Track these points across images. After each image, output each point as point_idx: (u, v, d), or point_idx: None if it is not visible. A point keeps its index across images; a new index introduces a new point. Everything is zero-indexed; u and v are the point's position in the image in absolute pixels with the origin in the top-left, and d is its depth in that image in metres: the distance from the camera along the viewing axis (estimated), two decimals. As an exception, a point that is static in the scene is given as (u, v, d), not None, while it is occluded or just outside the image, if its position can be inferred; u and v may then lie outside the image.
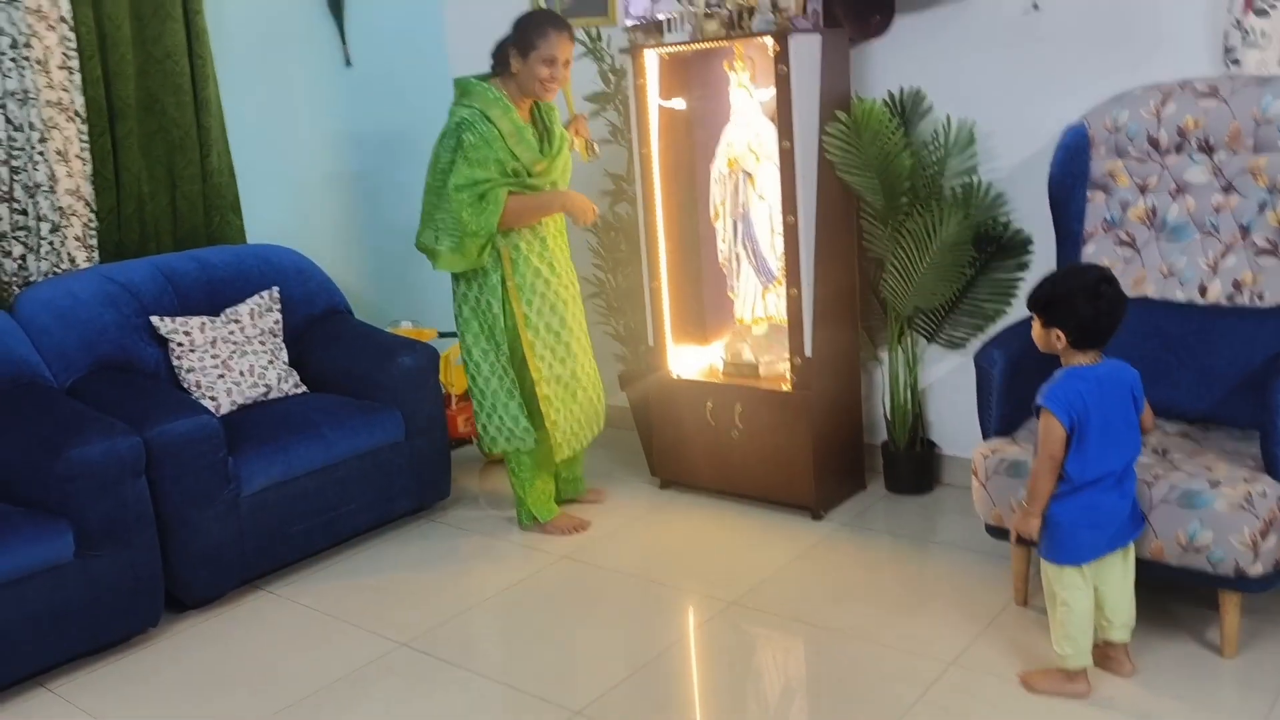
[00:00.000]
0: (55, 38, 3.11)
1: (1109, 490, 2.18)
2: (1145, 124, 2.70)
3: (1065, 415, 2.13)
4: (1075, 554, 2.18)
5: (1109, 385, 2.17)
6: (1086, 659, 2.22)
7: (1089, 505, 2.17)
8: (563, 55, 2.97)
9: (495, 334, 3.11)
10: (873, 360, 3.53)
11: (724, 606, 2.76)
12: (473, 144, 2.92)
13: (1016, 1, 3.04)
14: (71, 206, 3.20)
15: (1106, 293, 2.14)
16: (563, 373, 3.17)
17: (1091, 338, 2.18)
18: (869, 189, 3.13)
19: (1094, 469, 2.14)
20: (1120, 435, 2.17)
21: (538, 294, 3.11)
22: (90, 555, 2.58)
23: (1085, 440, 2.13)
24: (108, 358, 3.06)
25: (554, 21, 2.99)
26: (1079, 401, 2.13)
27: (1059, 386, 2.16)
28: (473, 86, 3.01)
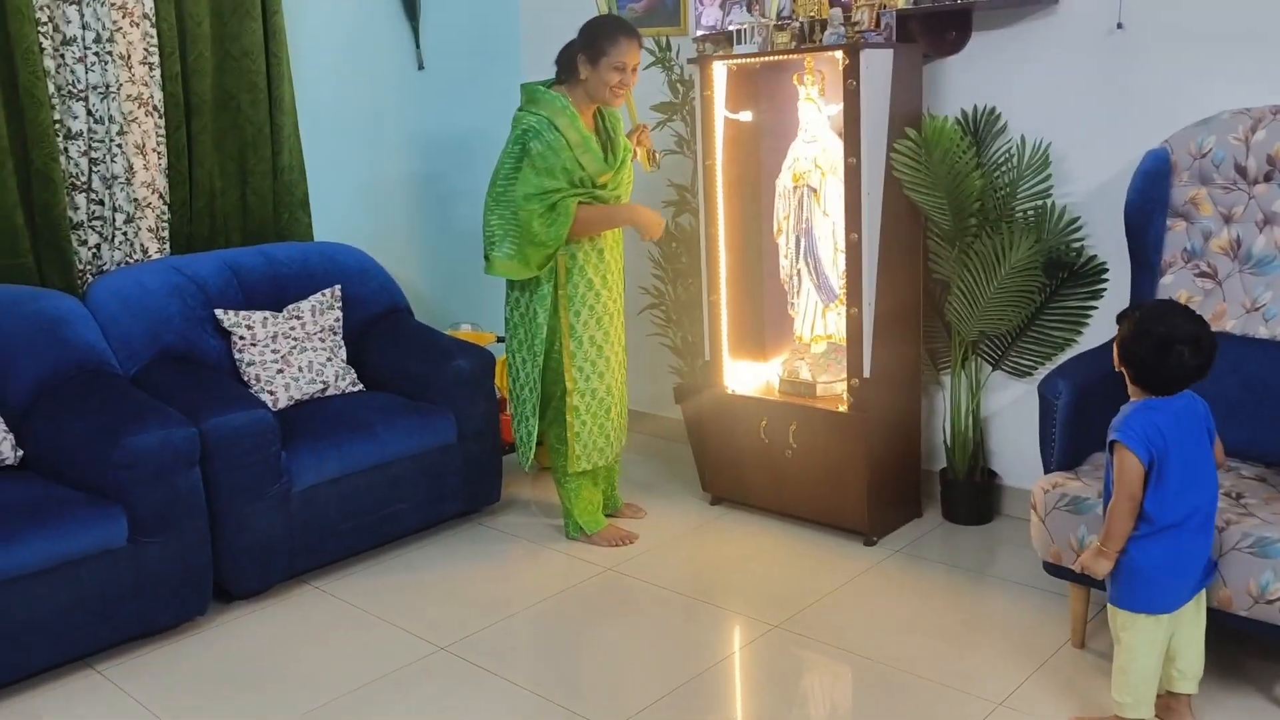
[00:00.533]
0: (138, 34, 3.19)
1: (1196, 532, 2.05)
2: (1233, 150, 2.59)
3: (1144, 450, 2.00)
4: (1155, 602, 2.06)
5: (1186, 418, 2.05)
6: (1147, 711, 2.11)
7: (1174, 549, 2.04)
8: (632, 62, 2.96)
9: (534, 344, 3.10)
10: (934, 384, 3.44)
11: (769, 629, 2.71)
12: (540, 152, 2.92)
13: (1100, 20, 2.94)
14: (146, 199, 3.28)
15: (1179, 356, 1.99)
16: (598, 387, 3.15)
17: (1151, 385, 2.06)
18: (937, 209, 3.06)
19: (1177, 508, 2.01)
20: (1202, 471, 2.05)
21: (586, 306, 3.09)
22: (142, 542, 2.62)
23: (1165, 477, 2.00)
24: (172, 348, 3.12)
25: (624, 29, 2.98)
26: (1157, 436, 2.00)
27: (1134, 419, 2.03)
28: (540, 94, 3.01)
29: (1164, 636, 2.08)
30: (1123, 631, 2.10)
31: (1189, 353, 1.99)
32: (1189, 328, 2.02)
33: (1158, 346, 2.01)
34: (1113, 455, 2.06)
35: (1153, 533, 2.03)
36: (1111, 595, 2.12)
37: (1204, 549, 2.08)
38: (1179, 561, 2.05)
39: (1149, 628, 2.06)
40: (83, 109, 3.15)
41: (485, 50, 4.35)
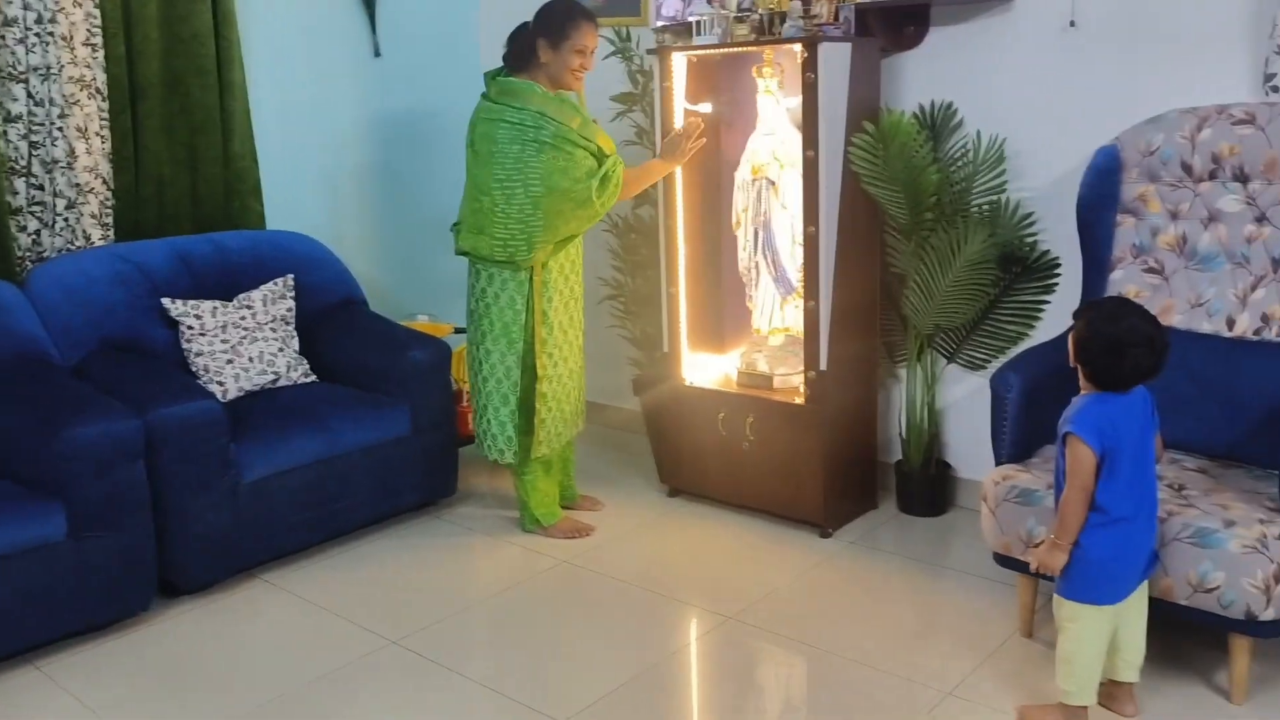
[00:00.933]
0: (81, 14, 3.11)
1: (1145, 524, 2.08)
2: (1179, 149, 2.63)
3: (1096, 441, 2.02)
4: (1103, 594, 2.08)
5: (1136, 411, 2.08)
6: (1091, 698, 2.15)
7: (1124, 541, 2.06)
8: (592, 45, 2.98)
9: (512, 331, 3.07)
10: (890, 377, 3.46)
11: (724, 621, 2.71)
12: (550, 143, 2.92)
13: (1053, 18, 2.96)
14: (89, 184, 3.19)
15: (1132, 358, 2.02)
16: (562, 371, 3.15)
17: (1105, 382, 2.08)
18: (893, 202, 3.07)
19: (1129, 500, 2.04)
20: (1150, 464, 2.08)
21: (558, 291, 3.10)
22: (83, 536, 2.56)
23: (1117, 469, 2.02)
24: (116, 337, 3.05)
25: (584, 11, 3.00)
26: (1109, 428, 2.03)
27: (1086, 411, 2.06)
28: (520, 86, 2.97)
29: (1109, 627, 2.11)
30: (1069, 622, 2.12)
31: (1143, 354, 2.02)
32: (1143, 329, 2.04)
33: (1112, 347, 2.03)
34: (1065, 447, 2.08)
35: (1105, 524, 2.05)
36: (1059, 587, 2.14)
37: (1150, 540, 2.12)
38: (1127, 553, 2.08)
39: (1096, 618, 2.09)
40: (23, 91, 3.06)
41: (443, 37, 4.30)
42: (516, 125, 2.94)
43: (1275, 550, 2.10)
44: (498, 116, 2.97)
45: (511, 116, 2.95)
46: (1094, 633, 2.10)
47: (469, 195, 3.07)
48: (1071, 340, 2.14)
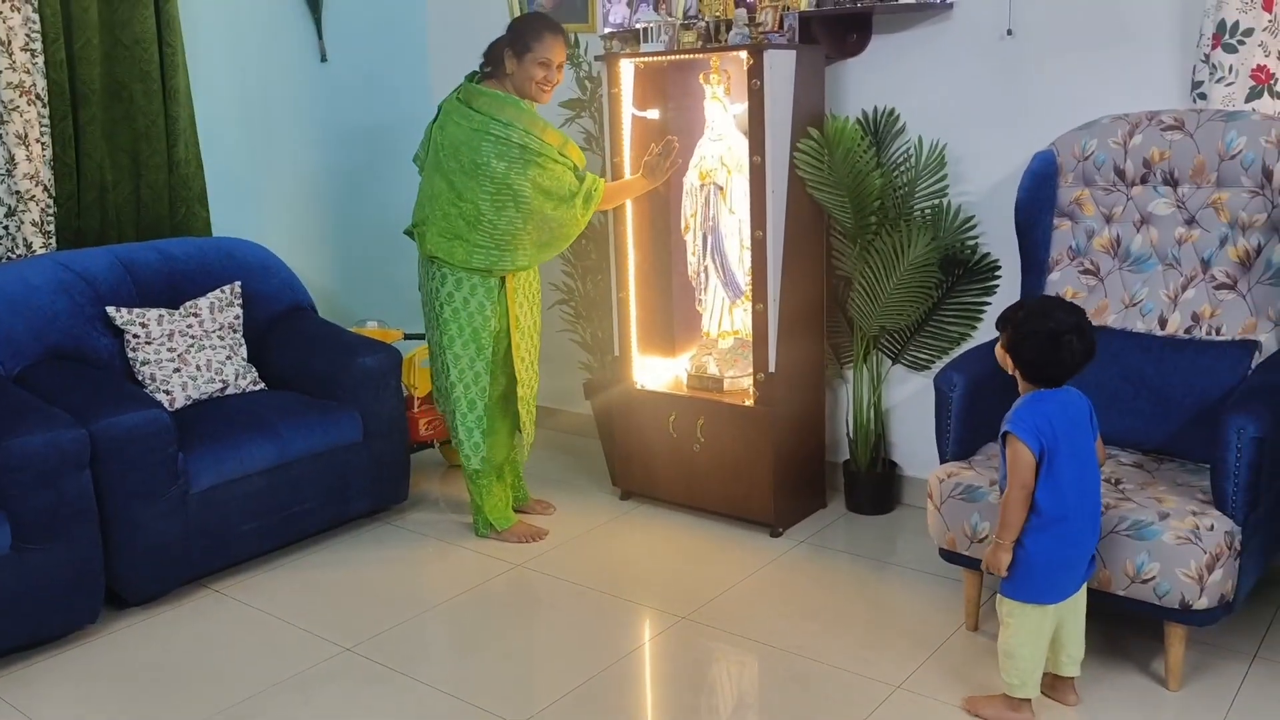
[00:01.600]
0: (19, 19, 3.05)
1: (1085, 524, 2.13)
2: (1113, 154, 2.71)
3: (1034, 440, 2.07)
4: (1045, 593, 2.13)
5: (1072, 410, 2.13)
6: (1034, 690, 2.21)
7: (1065, 542, 2.11)
8: (557, 59, 2.98)
9: (481, 336, 3.08)
10: (837, 379, 3.52)
11: (676, 621, 2.74)
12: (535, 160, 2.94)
13: (991, 26, 3.05)
14: (29, 191, 3.14)
15: (1069, 345, 2.08)
16: (532, 375, 3.21)
17: (1039, 379, 2.14)
18: (838, 207, 3.13)
19: (1068, 499, 2.09)
20: (1089, 464, 2.13)
21: (526, 296, 3.14)
22: (27, 549, 2.52)
23: (1055, 467, 2.07)
24: (59, 347, 3.00)
25: (549, 25, 3.00)
26: (1046, 426, 2.08)
27: (1024, 410, 2.12)
28: (503, 100, 2.97)
29: (1051, 624, 2.16)
30: (1010, 619, 2.17)
31: (1076, 340, 2.09)
32: (1071, 319, 2.11)
33: (1048, 341, 2.09)
34: (1004, 447, 2.14)
35: (1044, 525, 2.09)
36: (1002, 586, 2.19)
37: (1092, 542, 2.17)
38: (1068, 554, 2.12)
39: (1037, 616, 2.15)
40: (-40, 97, 3.00)
41: (390, 43, 4.29)
42: (502, 141, 2.93)
43: (1208, 541, 2.18)
44: (481, 128, 2.94)
45: (496, 130, 2.93)
46: (1036, 630, 2.15)
47: (442, 198, 3.01)
48: (1004, 344, 2.19)
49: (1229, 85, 2.62)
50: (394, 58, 4.30)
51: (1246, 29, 2.57)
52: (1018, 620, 2.16)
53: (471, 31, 4.19)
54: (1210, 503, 2.28)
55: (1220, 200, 2.57)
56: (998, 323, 2.23)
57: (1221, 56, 2.60)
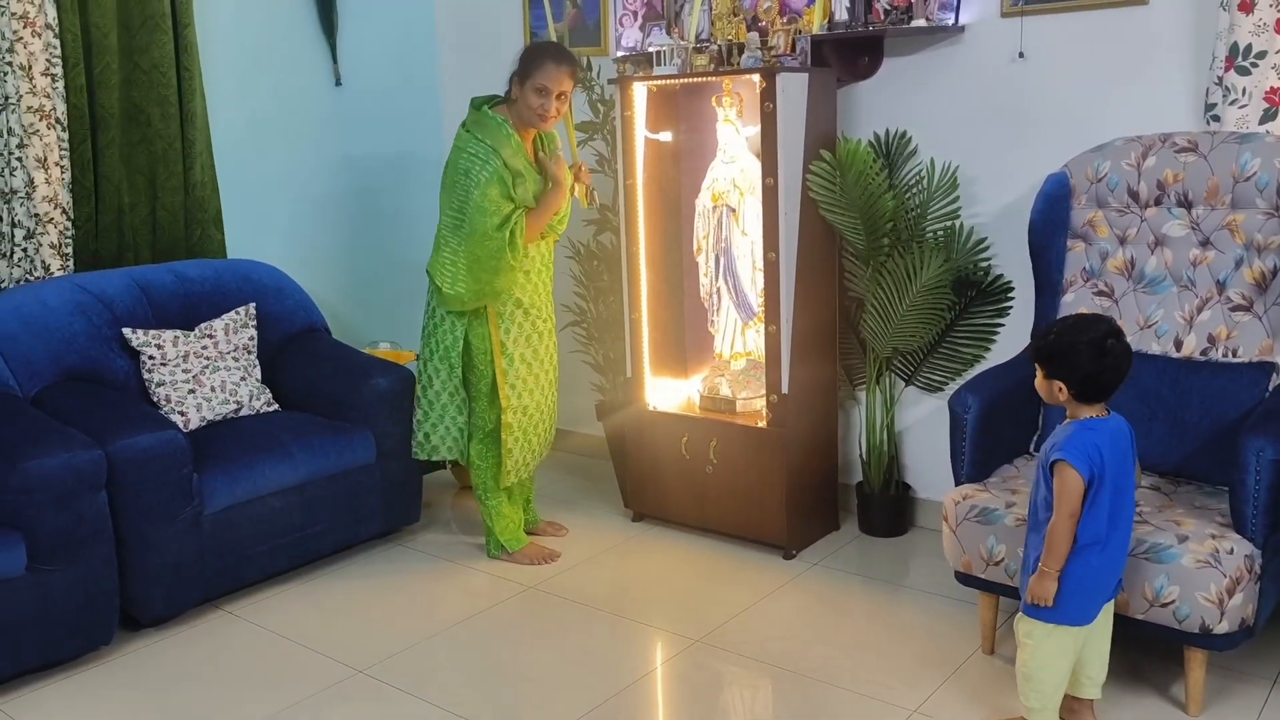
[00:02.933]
0: (40, 44, 3.09)
1: (1118, 549, 2.11)
2: (1126, 175, 2.72)
3: (1086, 468, 2.04)
4: (1074, 615, 2.11)
5: (1119, 439, 2.11)
6: (1054, 714, 2.19)
7: (1103, 566, 2.09)
8: (556, 87, 2.96)
9: (451, 356, 3.10)
10: (850, 400, 3.51)
11: (690, 644, 2.73)
12: (488, 181, 2.92)
13: (1003, 49, 3.06)
14: (48, 214, 3.17)
15: (1113, 348, 2.08)
16: (529, 404, 3.16)
17: (1095, 392, 2.11)
18: (851, 229, 3.14)
19: (1106, 525, 2.07)
20: (1128, 492, 2.12)
21: (515, 324, 3.10)
22: (43, 569, 2.52)
23: (1099, 496, 2.05)
24: (76, 368, 3.02)
25: (553, 53, 2.99)
26: (1096, 455, 2.05)
27: (1075, 439, 2.08)
28: (486, 117, 2.99)
29: (1078, 647, 2.15)
30: (1030, 639, 2.15)
31: (1116, 341, 2.09)
32: (1103, 325, 2.13)
33: (1094, 351, 2.07)
34: (1053, 475, 2.09)
35: (1079, 549, 2.07)
36: (1027, 607, 2.16)
37: (1121, 564, 2.15)
38: (1099, 577, 2.11)
39: (1064, 638, 2.13)
40: (-19, 121, 3.04)
41: (403, 67, 4.32)
42: (471, 156, 2.95)
43: (1228, 564, 2.16)
44: (463, 146, 2.99)
45: (471, 146, 2.97)
46: (1060, 652, 2.13)
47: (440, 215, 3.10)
48: (1046, 372, 2.14)
49: (1242, 107, 2.62)
50: (407, 82, 4.34)
51: (1260, 51, 2.58)
52: (1039, 641, 2.14)
53: (483, 57, 4.24)
54: (1229, 526, 2.26)
55: (1235, 222, 2.57)
56: (1034, 356, 2.19)
57: (1235, 79, 2.61)
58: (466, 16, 4.31)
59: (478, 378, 3.13)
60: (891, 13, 3.12)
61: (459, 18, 4.34)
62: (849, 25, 3.13)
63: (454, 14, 4.36)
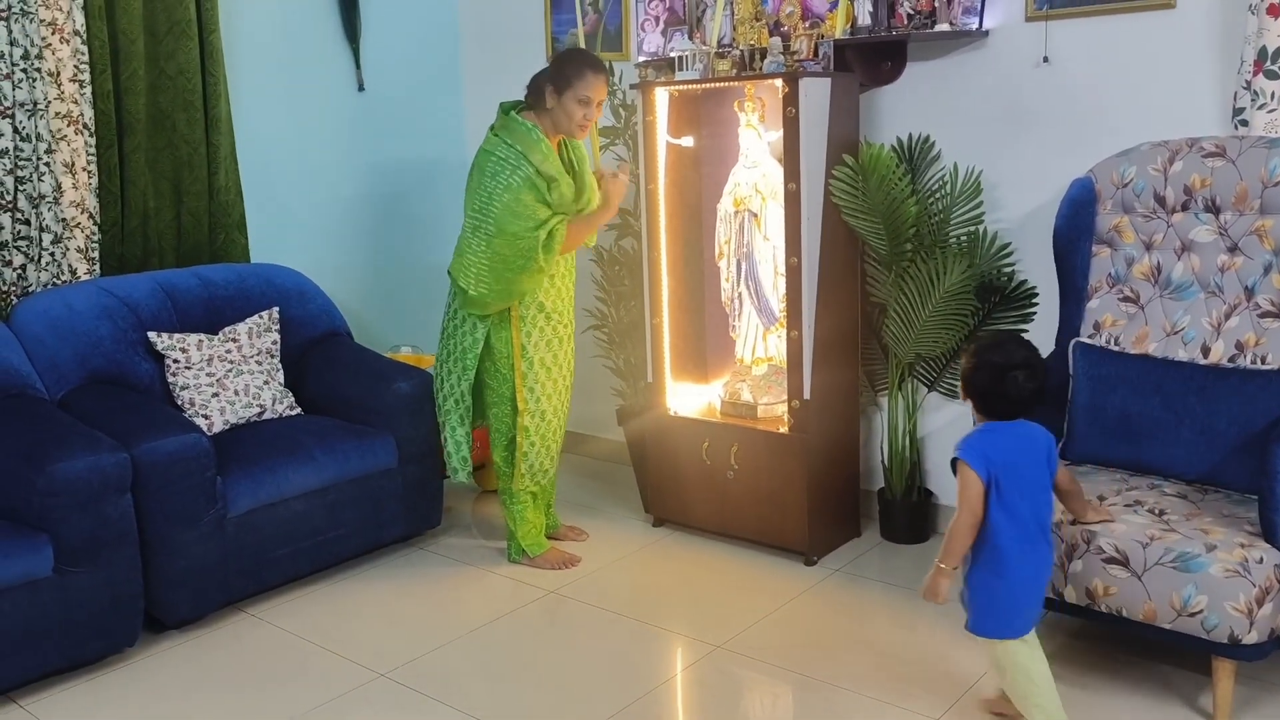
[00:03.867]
0: (68, 50, 3.12)
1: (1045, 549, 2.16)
2: (1152, 181, 2.69)
3: (982, 467, 2.10)
4: (1015, 624, 2.15)
5: (1025, 442, 2.16)
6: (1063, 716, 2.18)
7: (1033, 571, 2.15)
8: (597, 96, 2.98)
9: (467, 358, 3.11)
10: (872, 406, 3.50)
11: (711, 650, 2.72)
12: (519, 186, 2.92)
13: (1027, 53, 3.04)
14: (75, 219, 3.20)
15: (1014, 381, 2.13)
16: (546, 409, 3.16)
17: (991, 413, 2.18)
18: (874, 234, 3.12)
19: (1030, 529, 2.12)
20: (1039, 495, 2.15)
21: (536, 328, 3.11)
22: (69, 571, 2.54)
23: (1006, 498, 2.10)
24: (101, 371, 3.04)
25: (592, 63, 3.00)
26: (995, 454, 2.11)
27: (973, 439, 2.16)
28: (517, 125, 2.99)
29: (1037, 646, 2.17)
30: (1004, 660, 2.17)
31: (1023, 377, 2.13)
32: (1021, 354, 2.16)
33: (995, 374, 2.15)
34: (955, 474, 2.15)
35: (1004, 557, 2.11)
36: (973, 624, 2.19)
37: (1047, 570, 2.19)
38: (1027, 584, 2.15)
39: (1022, 649, 2.15)
40: (9, 126, 3.07)
41: (426, 73, 4.34)
42: (500, 161, 2.96)
43: (1257, 574, 2.14)
44: (490, 148, 2.99)
45: (500, 151, 2.97)
46: (1029, 659, 2.16)
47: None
48: (961, 375, 2.24)
49: (1271, 112, 2.59)
50: (429, 88, 4.36)
51: (1289, 55, 2.55)
52: (1008, 661, 2.17)
53: (505, 63, 4.26)
54: (1258, 535, 2.24)
55: (1264, 228, 2.54)
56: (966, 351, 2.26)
57: (1263, 83, 2.58)
58: (489, 22, 4.33)
59: (499, 381, 3.14)
60: (915, 17, 3.11)
61: (482, 24, 4.36)
62: (872, 30, 3.12)
63: (477, 20, 4.37)
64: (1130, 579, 2.25)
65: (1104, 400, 2.66)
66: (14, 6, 3.02)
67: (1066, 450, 2.74)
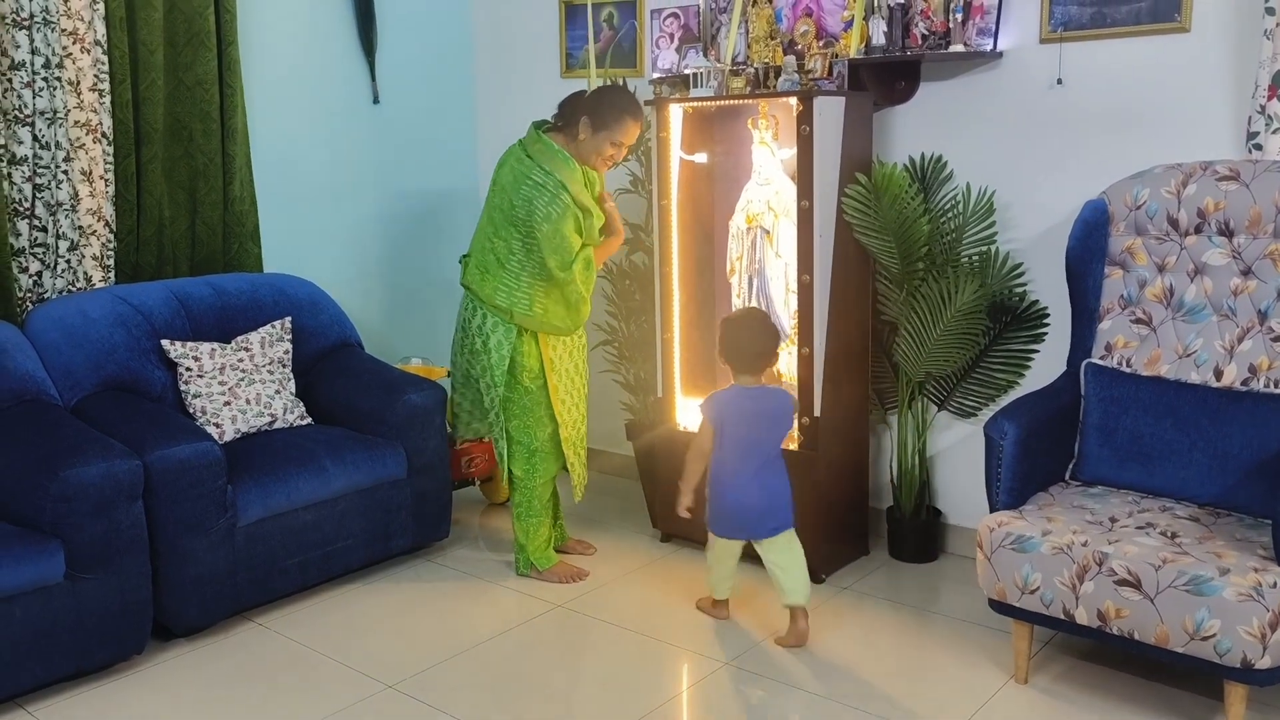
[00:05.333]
0: (89, 60, 3.15)
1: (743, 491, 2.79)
2: (1165, 203, 2.70)
3: (712, 416, 2.79)
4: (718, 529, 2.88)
5: (754, 404, 2.79)
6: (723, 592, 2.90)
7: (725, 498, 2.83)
8: (630, 141, 3.05)
9: (496, 373, 3.11)
10: (881, 424, 3.50)
11: (719, 667, 2.71)
12: (560, 216, 2.96)
13: (1041, 75, 3.05)
14: (91, 226, 3.22)
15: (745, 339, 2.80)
16: (578, 419, 3.23)
17: (738, 369, 2.80)
18: (885, 252, 3.13)
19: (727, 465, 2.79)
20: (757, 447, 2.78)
21: (562, 342, 3.15)
22: (80, 577, 2.55)
23: (722, 442, 2.79)
24: (115, 378, 3.06)
25: (634, 111, 3.04)
26: (723, 408, 2.79)
27: (715, 394, 2.86)
28: (552, 151, 3.01)
29: (732, 552, 2.88)
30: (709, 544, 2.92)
31: (749, 336, 2.79)
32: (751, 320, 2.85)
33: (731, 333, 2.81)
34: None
35: (713, 482, 2.82)
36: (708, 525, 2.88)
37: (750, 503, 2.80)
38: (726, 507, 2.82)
39: (718, 544, 2.88)
40: (29, 134, 3.09)
41: (440, 86, 4.37)
42: (538, 187, 2.97)
43: (1271, 598, 2.13)
44: (525, 172, 2.99)
45: (538, 176, 2.98)
46: (720, 554, 2.89)
47: (484, 233, 3.10)
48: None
49: (1285, 136, 2.60)
50: (443, 101, 4.38)
51: (1303, 80, 2.56)
52: (710, 546, 2.93)
53: (519, 76, 4.28)
54: (1272, 559, 2.23)
55: (1277, 251, 2.54)
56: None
57: (1278, 107, 2.59)
58: (503, 36, 4.36)
59: (521, 393, 3.14)
60: (929, 38, 3.12)
61: (496, 37, 4.39)
62: (886, 50, 3.14)
63: (491, 34, 4.40)
64: (1142, 601, 2.24)
65: (1116, 422, 2.66)
66: (36, 15, 3.05)
67: (1078, 471, 2.74)
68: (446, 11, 4.36)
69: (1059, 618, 2.39)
